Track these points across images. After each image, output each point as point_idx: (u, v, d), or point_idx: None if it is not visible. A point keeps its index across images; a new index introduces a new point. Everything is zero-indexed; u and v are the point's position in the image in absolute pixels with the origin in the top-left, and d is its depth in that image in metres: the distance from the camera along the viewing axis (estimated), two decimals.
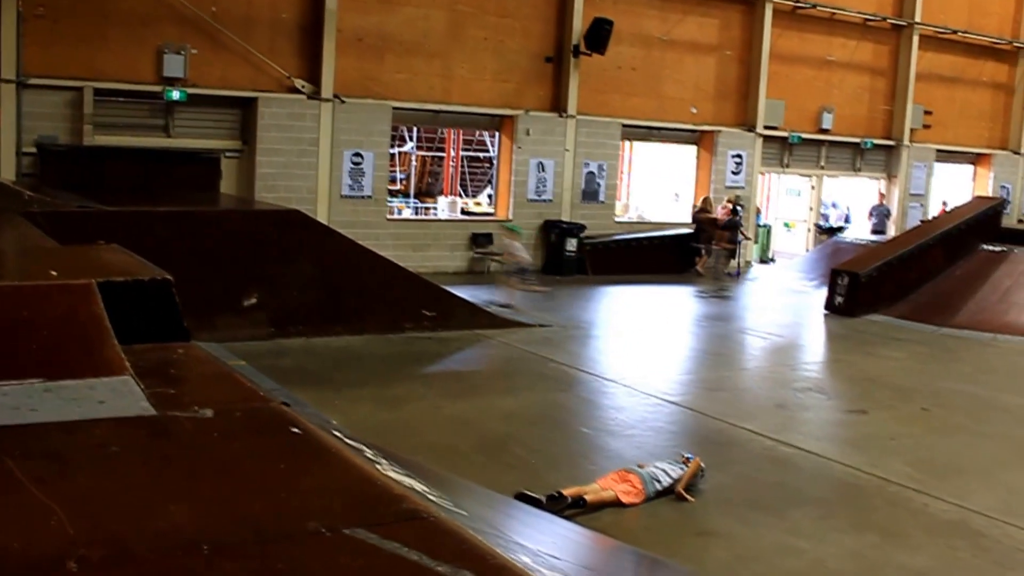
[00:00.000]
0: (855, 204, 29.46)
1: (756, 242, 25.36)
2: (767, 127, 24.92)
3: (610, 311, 18.12)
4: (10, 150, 16.29)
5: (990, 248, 19.48)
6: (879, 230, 26.27)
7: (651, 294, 19.57)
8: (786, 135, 25.54)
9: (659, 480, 7.72)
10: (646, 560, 6.05)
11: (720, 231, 20.47)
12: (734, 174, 24.63)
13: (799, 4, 25.05)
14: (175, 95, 17.41)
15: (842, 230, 26.99)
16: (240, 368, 7.97)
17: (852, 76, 26.74)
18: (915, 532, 7.47)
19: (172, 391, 3.40)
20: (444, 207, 23.76)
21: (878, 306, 17.82)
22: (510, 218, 21.34)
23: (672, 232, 23.42)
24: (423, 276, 14.78)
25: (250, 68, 18.25)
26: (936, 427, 10.59)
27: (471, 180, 27.80)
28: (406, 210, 24.66)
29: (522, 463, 8.53)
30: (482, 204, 24.96)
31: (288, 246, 13.00)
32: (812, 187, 27.50)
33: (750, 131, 24.72)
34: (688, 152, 24.89)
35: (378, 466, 3.52)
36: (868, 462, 9.00)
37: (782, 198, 29.13)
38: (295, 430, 2.94)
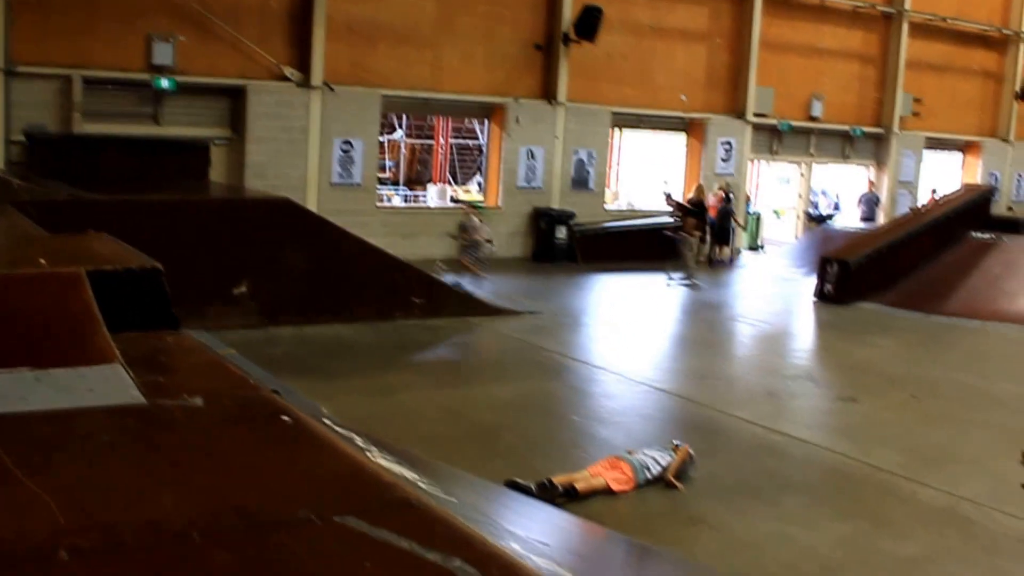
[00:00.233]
0: (844, 192, 29.50)
1: (746, 230, 25.39)
2: (757, 115, 24.94)
3: (600, 299, 18.14)
4: None
5: (979, 236, 19.54)
6: (868, 218, 26.31)
7: (641, 282, 19.57)
8: (776, 123, 25.56)
9: (649, 468, 7.73)
10: (636, 548, 6.06)
11: (688, 218, 20.17)
12: (724, 162, 24.65)
13: None
14: (164, 83, 17.36)
15: (831, 218, 27.04)
16: (230, 357, 7.96)
17: (842, 64, 26.76)
18: (905, 519, 7.50)
19: (162, 380, 3.40)
20: (434, 195, 23.74)
21: (868, 294, 17.86)
22: (499, 206, 21.35)
23: (662, 220, 23.40)
24: (413, 264, 14.78)
25: (239, 56, 18.19)
26: (926, 415, 10.63)
27: (461, 168, 27.76)
28: (396, 198, 24.64)
29: (512, 451, 8.54)
30: (471, 192, 24.94)
31: (278, 234, 12.98)
32: (801, 175, 27.53)
33: (740, 119, 24.74)
34: (678, 140, 24.90)
35: (368, 454, 3.53)
36: (858, 450, 9.04)
37: (772, 186, 29.15)
38: (285, 418, 2.94)
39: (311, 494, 2.33)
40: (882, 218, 26.52)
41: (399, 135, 26.97)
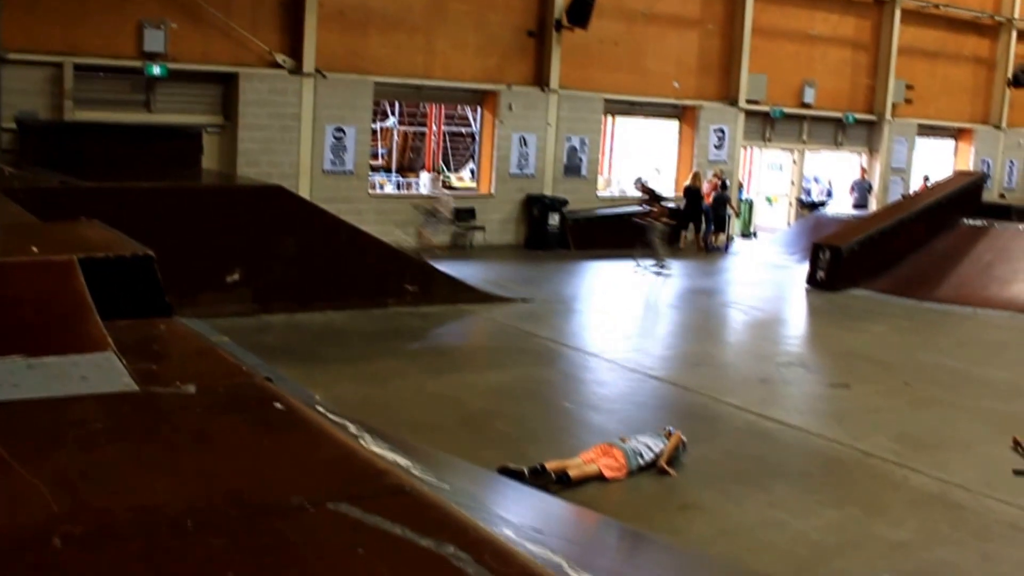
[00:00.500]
0: (837, 179, 29.53)
1: (738, 216, 25.42)
2: (749, 101, 24.93)
3: (593, 285, 18.15)
4: None
5: (971, 223, 19.58)
6: (861, 205, 26.34)
7: (633, 269, 19.57)
8: (768, 110, 25.55)
9: (642, 455, 7.75)
10: (629, 533, 6.08)
11: (659, 205, 19.97)
12: (716, 148, 24.65)
13: None
14: (156, 70, 17.29)
15: (824, 205, 27.06)
16: (223, 344, 7.95)
17: (834, 51, 26.75)
18: (896, 505, 7.53)
19: (155, 367, 3.40)
20: (426, 182, 23.71)
21: (860, 280, 17.90)
22: (492, 193, 21.34)
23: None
24: (405, 251, 14.78)
25: (231, 43, 18.13)
26: (917, 401, 10.67)
27: (453, 155, 27.73)
28: (388, 185, 24.60)
29: (505, 438, 8.56)
30: (464, 179, 24.92)
31: (270, 222, 12.96)
32: (794, 162, 27.55)
33: (732, 106, 24.73)
34: (670, 127, 24.89)
35: (361, 441, 3.53)
36: (850, 436, 9.07)
37: (764, 173, 29.16)
38: (278, 406, 2.95)
39: (304, 481, 2.34)
40: (874, 205, 26.54)
41: (392, 122, 26.92)
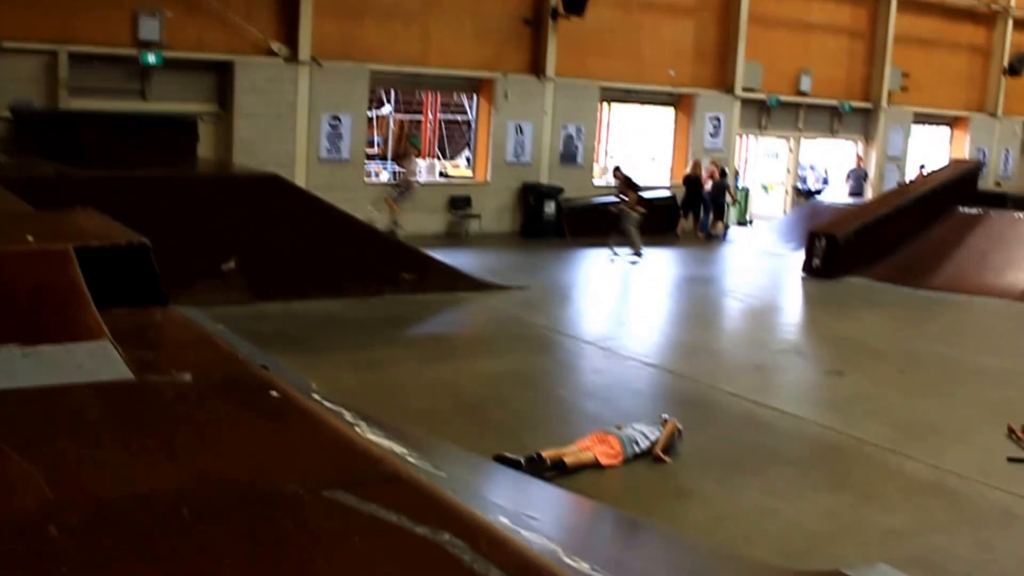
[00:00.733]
0: (833, 167, 29.52)
1: (735, 204, 25.41)
2: (745, 89, 24.90)
3: (588, 273, 18.15)
4: None
5: (967, 211, 19.59)
6: (856, 193, 26.35)
7: (630, 256, 19.58)
8: (764, 98, 25.52)
9: (637, 442, 7.77)
10: (625, 520, 6.10)
11: (631, 192, 19.73)
12: (712, 137, 24.63)
13: None
14: (151, 59, 17.24)
15: (820, 193, 27.06)
16: (219, 332, 7.95)
17: (830, 39, 26.70)
18: (891, 492, 7.56)
19: (151, 356, 3.40)
20: (422, 170, 23.66)
21: (855, 268, 17.91)
22: (488, 181, 21.33)
23: (650, 195, 23.41)
24: (401, 239, 14.77)
25: (227, 31, 18.07)
26: (912, 388, 10.69)
27: (449, 143, 27.69)
28: (384, 173, 24.55)
29: (501, 425, 8.57)
30: (460, 167, 24.89)
31: (266, 210, 12.94)
32: (790, 150, 27.54)
33: (728, 93, 24.70)
34: (666, 115, 24.87)
35: (358, 429, 3.54)
36: (844, 423, 9.09)
37: (760, 161, 29.15)
38: (274, 394, 2.95)
39: (300, 468, 2.34)
40: (870, 193, 26.54)
41: (387, 110, 26.87)
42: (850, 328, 13.88)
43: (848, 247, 18.05)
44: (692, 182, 23.12)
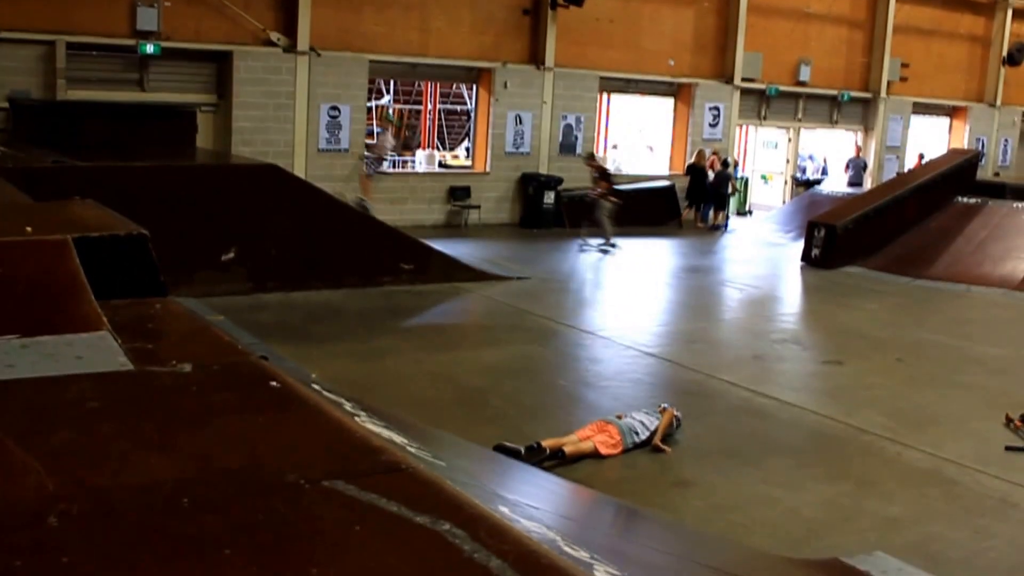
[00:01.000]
0: (832, 157, 29.49)
1: (735, 194, 25.38)
2: (745, 79, 24.87)
3: (588, 263, 18.14)
4: None
5: (965, 200, 19.59)
6: (856, 182, 26.33)
7: (629, 246, 19.59)
8: (763, 88, 25.49)
9: (637, 432, 7.78)
10: (624, 510, 6.11)
11: (603, 182, 19.38)
12: (712, 127, 24.61)
13: None
14: (149, 49, 17.20)
15: (819, 183, 27.03)
16: (218, 323, 7.96)
17: (830, 28, 26.66)
18: (889, 481, 7.57)
19: (150, 346, 3.40)
20: (422, 160, 23.65)
21: (854, 258, 17.92)
22: (487, 171, 21.31)
23: (650, 185, 23.44)
24: (401, 230, 14.77)
25: (225, 21, 18.04)
26: (910, 377, 10.71)
27: (449, 133, 27.65)
28: (384, 164, 24.48)
29: (500, 415, 8.58)
30: (460, 157, 24.86)
31: (265, 201, 12.94)
32: (789, 140, 27.51)
33: (728, 83, 24.67)
34: (666, 105, 24.84)
35: (357, 419, 3.54)
36: (843, 412, 9.11)
37: (759, 151, 29.12)
38: (274, 384, 2.95)
39: (300, 458, 2.35)
40: (869, 183, 26.52)
41: (387, 100, 26.82)
42: (849, 317, 13.89)
43: (847, 237, 18.06)
44: (696, 171, 23.12)
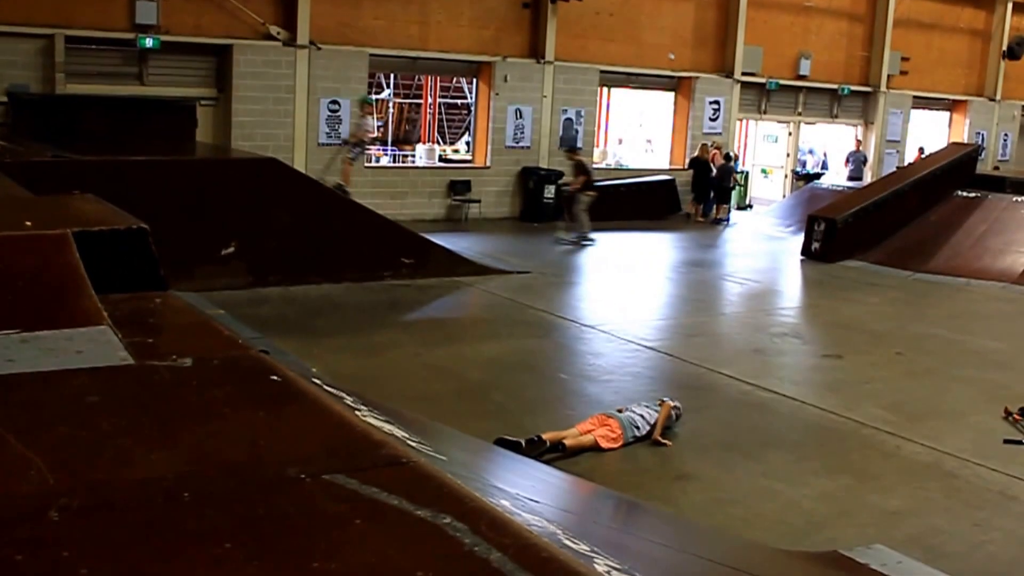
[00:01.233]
0: (832, 150, 29.48)
1: (735, 188, 25.38)
2: (745, 73, 24.84)
3: (588, 257, 18.14)
4: None
5: (965, 194, 19.58)
6: (856, 176, 26.32)
7: (629, 240, 19.60)
8: (764, 81, 25.46)
9: (637, 426, 7.79)
10: (625, 503, 6.12)
11: (580, 176, 19.22)
12: (712, 121, 24.59)
13: None
14: (148, 43, 17.18)
15: (819, 176, 27.03)
16: (218, 317, 7.95)
17: (830, 22, 26.63)
18: (888, 474, 7.58)
19: (150, 340, 3.39)
20: (422, 154, 23.64)
21: (854, 252, 17.92)
22: (487, 165, 21.29)
23: (650, 178, 23.44)
24: (401, 224, 14.76)
25: (224, 15, 18.01)
26: (910, 371, 10.71)
27: (449, 127, 27.63)
28: (384, 158, 24.51)
29: (501, 409, 8.59)
30: (460, 151, 24.85)
31: (266, 195, 12.92)
32: (789, 133, 27.49)
33: (728, 77, 24.64)
34: (666, 99, 24.81)
35: (358, 413, 3.54)
36: (843, 406, 9.11)
37: (759, 145, 29.10)
38: (274, 378, 2.95)
39: (301, 453, 2.35)
40: (869, 177, 26.51)
41: (387, 94, 26.80)
42: (848, 311, 13.89)
43: (847, 231, 18.06)
44: (700, 165, 23.11)
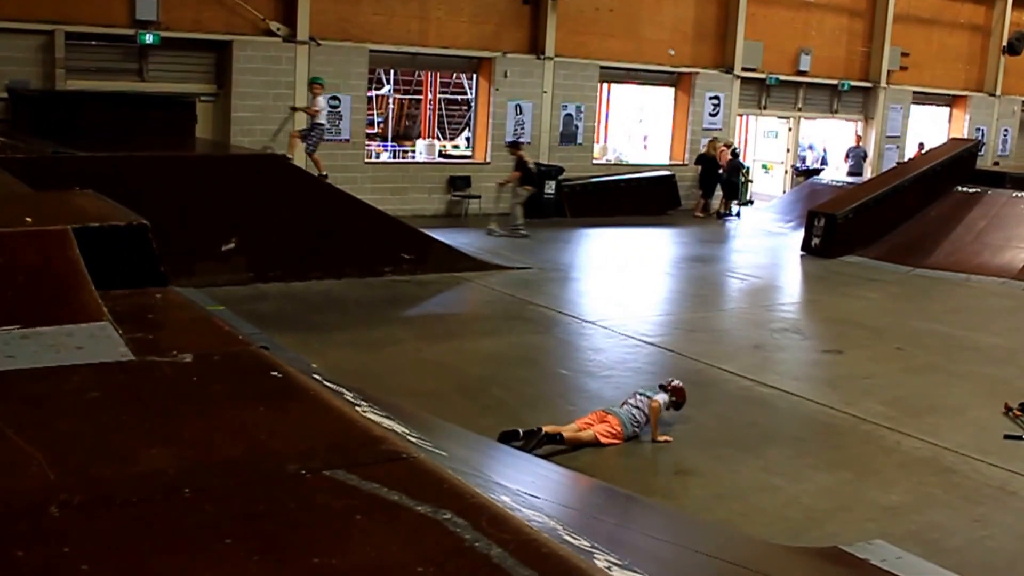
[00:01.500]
0: (832, 146, 29.46)
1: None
2: (745, 69, 24.82)
3: (589, 253, 18.15)
4: None
5: (965, 190, 19.58)
6: (856, 172, 26.30)
7: (629, 236, 19.60)
8: (764, 77, 25.44)
9: (637, 420, 7.80)
10: (625, 499, 6.12)
11: (517, 171, 18.90)
12: (712, 116, 24.57)
13: None
14: (148, 38, 17.16)
15: (819, 172, 27.02)
16: (219, 313, 7.96)
17: (830, 17, 26.61)
18: (888, 469, 7.59)
19: (151, 336, 3.40)
20: (422, 150, 23.63)
21: (854, 247, 17.92)
22: (487, 161, 21.27)
23: (650, 174, 23.44)
24: (401, 219, 14.76)
25: (224, 11, 18.00)
26: (910, 366, 10.72)
27: (449, 123, 27.61)
28: (384, 153, 24.49)
29: (502, 404, 8.59)
30: (460, 147, 24.84)
31: (266, 191, 12.92)
32: (789, 129, 27.47)
33: (728, 73, 24.62)
34: (666, 94, 24.80)
35: (358, 408, 3.54)
36: (843, 401, 9.12)
37: (759, 140, 29.09)
38: (274, 374, 2.96)
39: (301, 448, 2.35)
40: (869, 172, 26.49)
41: (387, 90, 26.78)
42: (848, 307, 13.90)
43: (847, 226, 18.06)
44: (707, 161, 23.11)
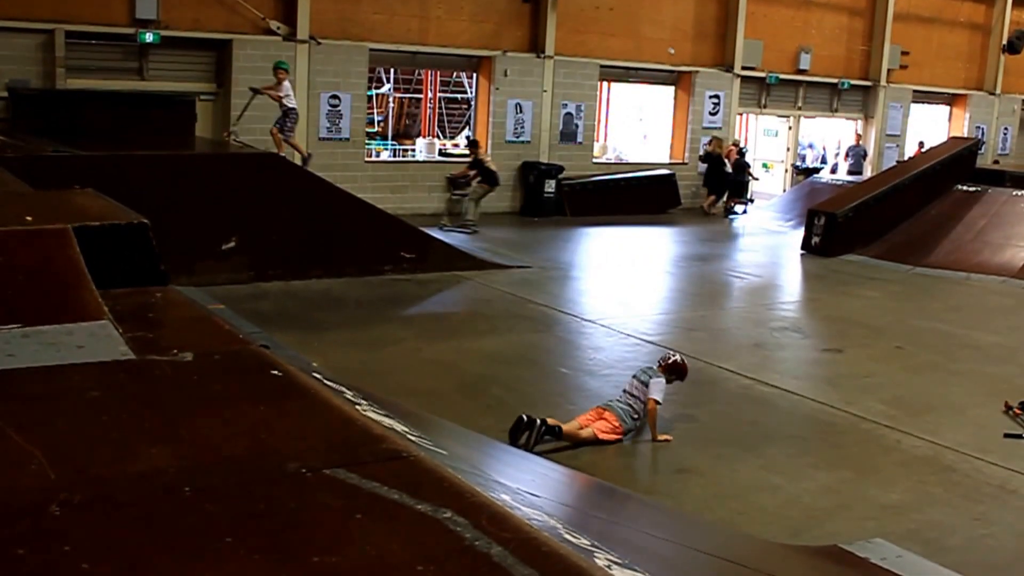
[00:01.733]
0: (832, 145, 29.44)
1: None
2: (745, 67, 24.81)
3: (589, 252, 18.15)
4: None
5: (965, 188, 19.59)
6: (856, 171, 26.30)
7: (630, 235, 19.60)
8: (764, 75, 25.43)
9: (636, 412, 7.81)
10: (625, 497, 6.13)
11: (471, 169, 18.85)
12: (712, 115, 24.56)
13: None
14: (148, 37, 17.15)
15: (819, 171, 27.01)
16: (219, 312, 7.96)
17: (830, 16, 26.60)
18: (888, 468, 7.59)
19: (151, 335, 3.40)
20: (422, 149, 23.61)
21: (854, 246, 17.92)
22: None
23: (650, 173, 23.43)
24: (402, 218, 14.76)
25: (224, 10, 17.99)
26: (910, 365, 10.72)
27: (449, 122, 27.59)
28: (384, 152, 24.48)
29: (502, 403, 8.59)
30: (460, 145, 24.83)
31: (266, 190, 12.93)
32: (789, 128, 27.47)
33: (728, 72, 24.61)
34: (666, 93, 24.79)
35: (358, 407, 3.54)
36: (843, 400, 9.12)
37: (759, 139, 29.08)
38: (275, 372, 2.96)
39: (301, 447, 2.35)
40: (869, 171, 26.49)
41: (387, 89, 26.77)
42: (848, 305, 13.90)
43: (847, 225, 18.06)
44: (713, 160, 23.10)
